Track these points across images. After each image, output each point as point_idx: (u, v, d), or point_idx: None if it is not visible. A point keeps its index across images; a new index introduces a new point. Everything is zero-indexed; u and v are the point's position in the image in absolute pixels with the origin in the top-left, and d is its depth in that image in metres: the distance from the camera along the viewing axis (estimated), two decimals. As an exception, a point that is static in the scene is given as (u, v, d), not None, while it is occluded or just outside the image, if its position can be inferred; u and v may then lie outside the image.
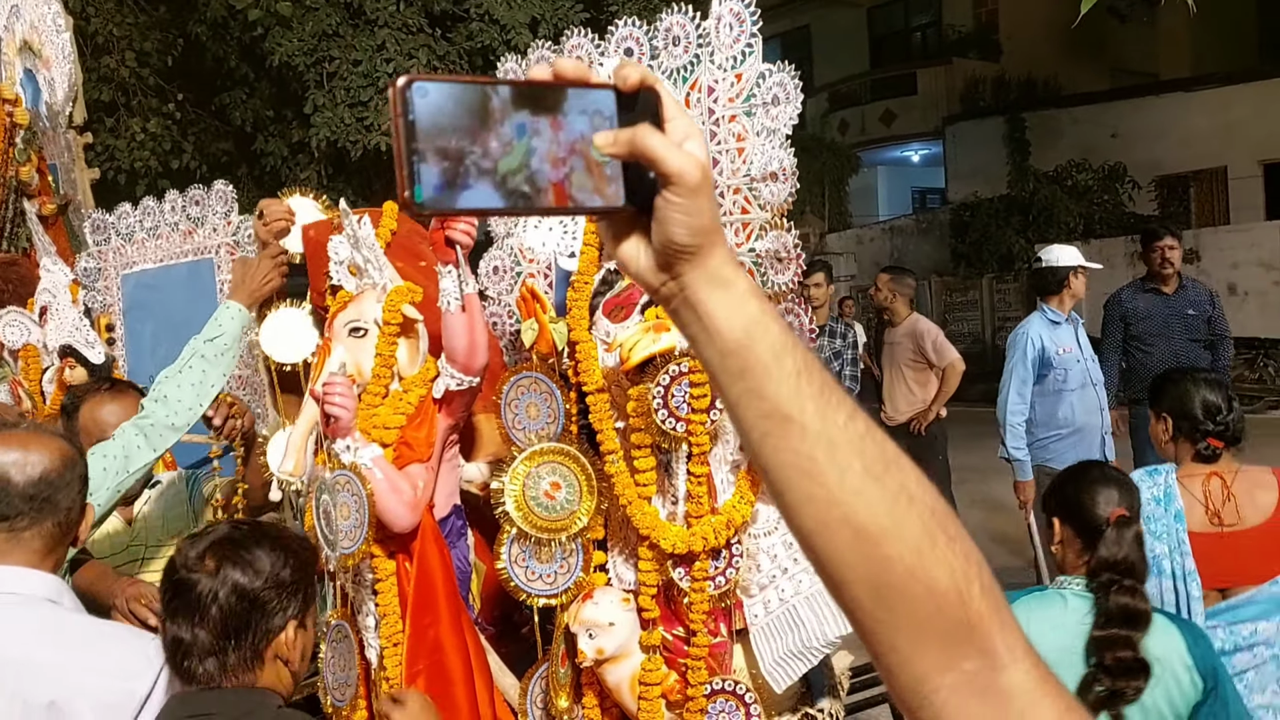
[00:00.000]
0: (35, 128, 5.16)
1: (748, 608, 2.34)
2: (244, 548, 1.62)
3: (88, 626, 1.75)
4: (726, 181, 2.45)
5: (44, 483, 1.72)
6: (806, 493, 0.74)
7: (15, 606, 1.67)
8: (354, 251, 2.53)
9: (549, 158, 0.73)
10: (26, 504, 1.70)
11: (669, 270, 0.77)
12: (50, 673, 1.64)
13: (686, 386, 2.18)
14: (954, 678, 0.71)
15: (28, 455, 1.72)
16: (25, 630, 1.67)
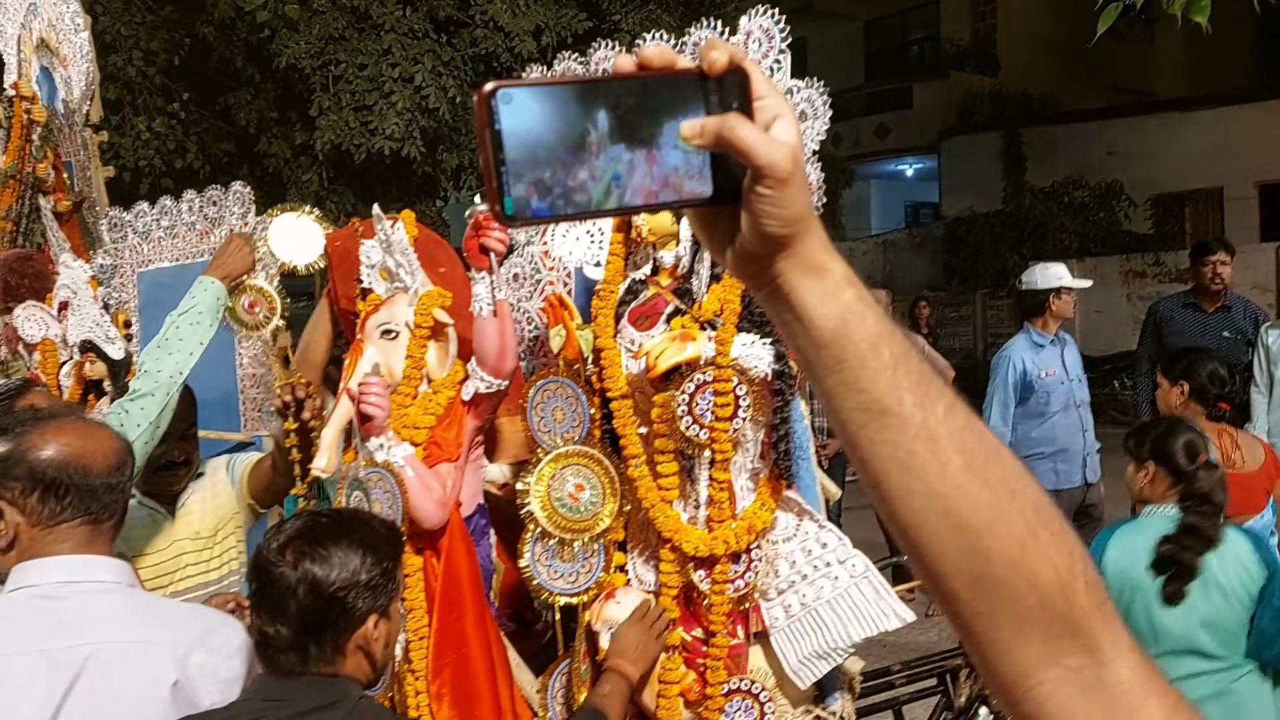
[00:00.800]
0: (52, 125, 5.21)
1: (766, 611, 2.41)
2: (323, 543, 1.62)
3: (183, 608, 1.80)
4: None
5: (117, 471, 1.74)
6: (905, 486, 0.73)
7: (111, 593, 1.69)
8: (385, 256, 2.59)
9: (637, 155, 0.71)
10: (107, 494, 1.72)
11: (760, 260, 0.75)
12: (171, 652, 1.67)
13: (710, 395, 2.25)
14: (1058, 672, 0.71)
15: (100, 445, 1.74)
16: (135, 614, 1.70)
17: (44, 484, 1.67)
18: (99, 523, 1.72)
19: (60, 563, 1.68)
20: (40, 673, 1.58)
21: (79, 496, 1.69)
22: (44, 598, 1.65)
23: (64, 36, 5.31)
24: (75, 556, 1.69)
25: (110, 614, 1.68)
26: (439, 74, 8.69)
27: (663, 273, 2.41)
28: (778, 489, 2.34)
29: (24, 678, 1.57)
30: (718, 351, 2.23)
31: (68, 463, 1.68)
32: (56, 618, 1.63)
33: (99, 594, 1.69)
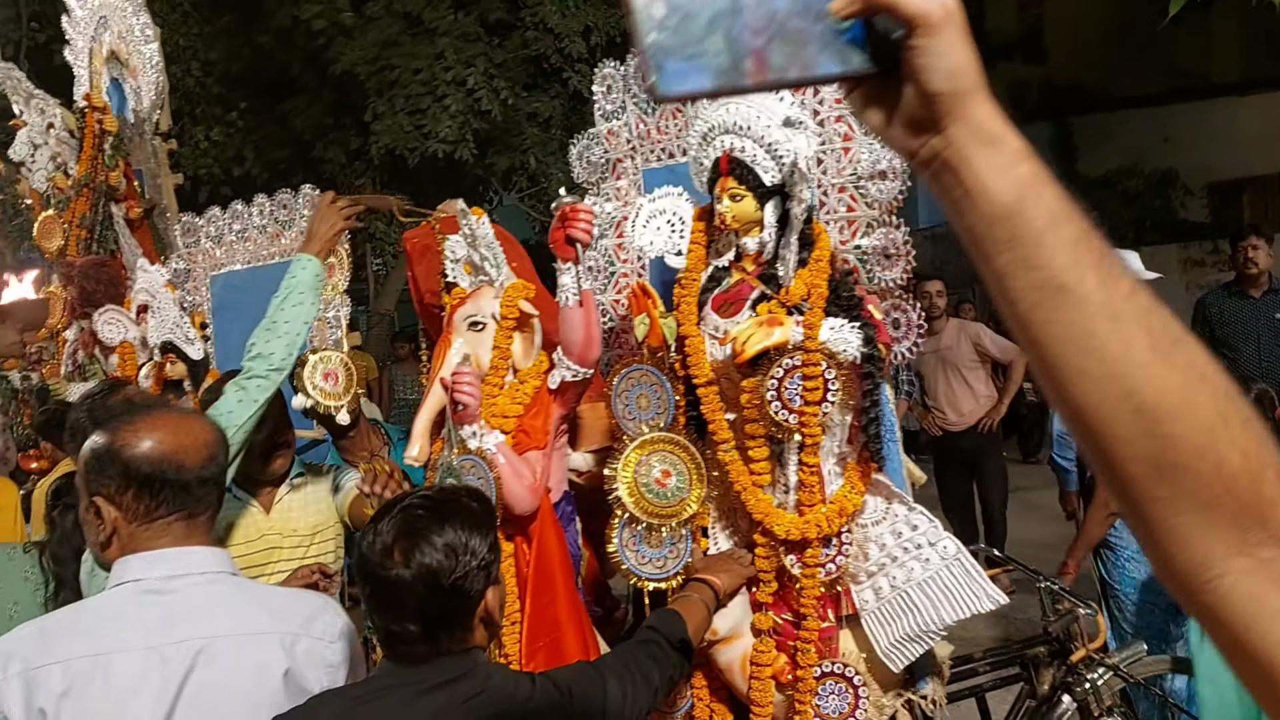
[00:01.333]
0: (122, 134, 5.33)
1: (856, 594, 2.42)
2: (427, 535, 1.60)
3: (284, 594, 1.80)
4: (831, 180, 2.54)
5: (211, 462, 1.74)
6: (1081, 367, 0.70)
7: (216, 584, 1.69)
8: (470, 250, 2.63)
9: (786, 32, 0.70)
10: (201, 488, 1.71)
11: (928, 129, 0.72)
12: (280, 641, 1.68)
13: (799, 380, 2.26)
14: (1246, 563, 0.67)
15: (194, 438, 1.73)
16: (242, 605, 1.70)
17: (138, 481, 1.67)
18: (194, 517, 1.71)
19: (162, 555, 1.68)
20: (153, 669, 1.58)
21: (174, 492, 1.68)
22: (149, 592, 1.65)
23: (134, 47, 5.44)
24: (176, 549, 1.69)
25: (218, 605, 1.68)
26: (491, 76, 8.73)
27: (746, 259, 2.42)
28: (867, 472, 2.35)
29: (137, 675, 1.57)
30: (805, 336, 2.24)
31: (162, 459, 1.68)
32: (164, 611, 1.64)
33: (204, 585, 1.69)
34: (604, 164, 3.07)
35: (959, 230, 0.74)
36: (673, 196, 2.56)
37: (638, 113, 2.97)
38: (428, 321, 3.04)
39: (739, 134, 2.31)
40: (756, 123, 2.28)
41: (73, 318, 5.17)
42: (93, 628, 1.62)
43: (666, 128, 2.92)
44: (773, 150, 2.29)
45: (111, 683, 1.55)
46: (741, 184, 2.33)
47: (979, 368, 6.59)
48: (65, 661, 1.55)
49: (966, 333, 6.62)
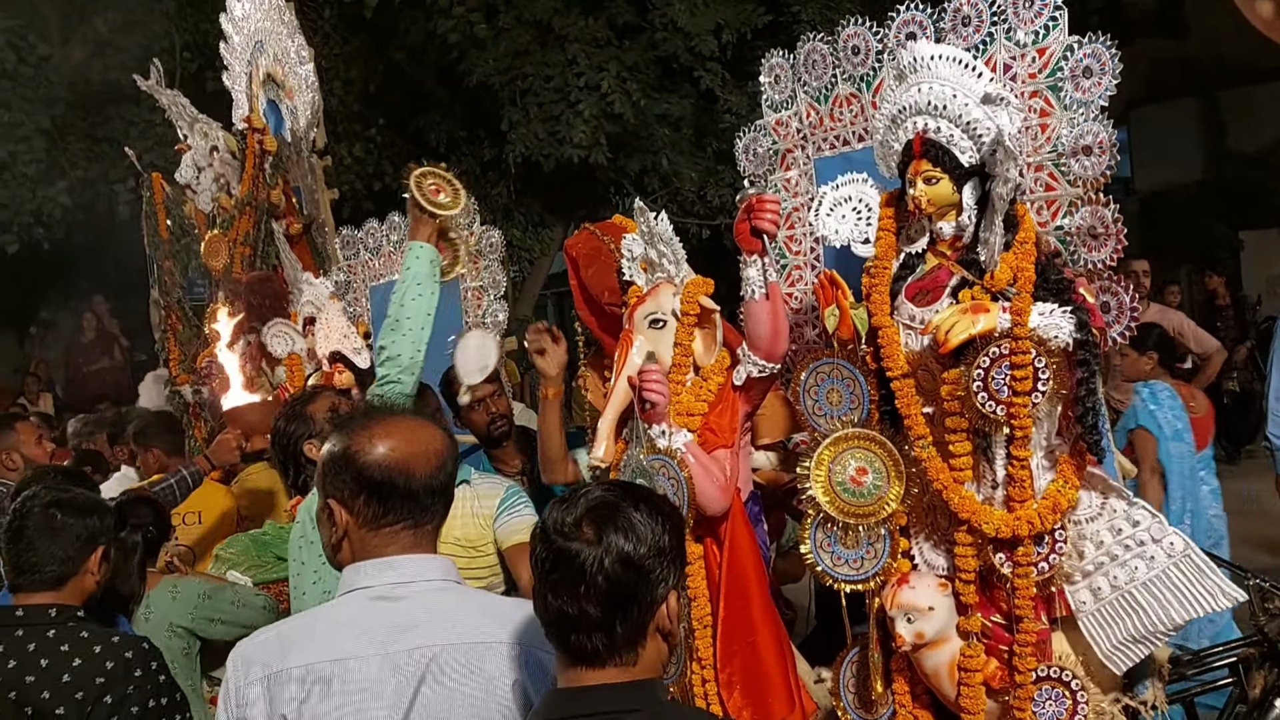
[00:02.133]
0: (281, 154, 5.51)
1: (1071, 594, 2.29)
2: (622, 512, 1.51)
3: (512, 604, 1.76)
4: (1027, 159, 2.41)
5: (440, 471, 1.71)
6: None
7: (444, 592, 1.68)
8: (648, 248, 2.60)
9: None
10: (429, 497, 1.69)
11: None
12: (510, 651, 1.65)
13: (1007, 369, 2.15)
14: None
15: (426, 447, 1.70)
16: (471, 613, 1.68)
17: (370, 487, 1.66)
18: (420, 525, 1.70)
19: (392, 563, 1.67)
20: (387, 676, 1.58)
21: (402, 501, 1.67)
22: (381, 599, 1.64)
23: (289, 69, 5.61)
24: (406, 556, 1.68)
25: (447, 613, 1.66)
26: (623, 79, 8.75)
27: (942, 244, 2.32)
28: (1081, 465, 2.22)
29: (373, 680, 1.57)
30: (1013, 322, 2.13)
31: (394, 467, 1.66)
32: (396, 619, 1.63)
33: (433, 593, 1.67)
34: (772, 155, 3.00)
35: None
36: (857, 183, 2.48)
37: (809, 101, 2.89)
38: (601, 327, 3.01)
39: (933, 114, 2.21)
40: (953, 102, 2.19)
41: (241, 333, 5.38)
42: (328, 634, 1.62)
43: (840, 115, 2.84)
44: (970, 129, 2.18)
45: (349, 689, 1.56)
46: (937, 166, 2.23)
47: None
48: (304, 667, 1.56)
49: (1169, 320, 6.32)
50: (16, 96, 8.75)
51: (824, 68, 2.84)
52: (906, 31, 2.59)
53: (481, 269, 4.59)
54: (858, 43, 2.75)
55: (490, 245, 4.59)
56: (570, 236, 3.11)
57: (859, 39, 2.75)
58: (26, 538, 2.31)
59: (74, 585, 2.33)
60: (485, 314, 4.57)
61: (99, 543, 2.39)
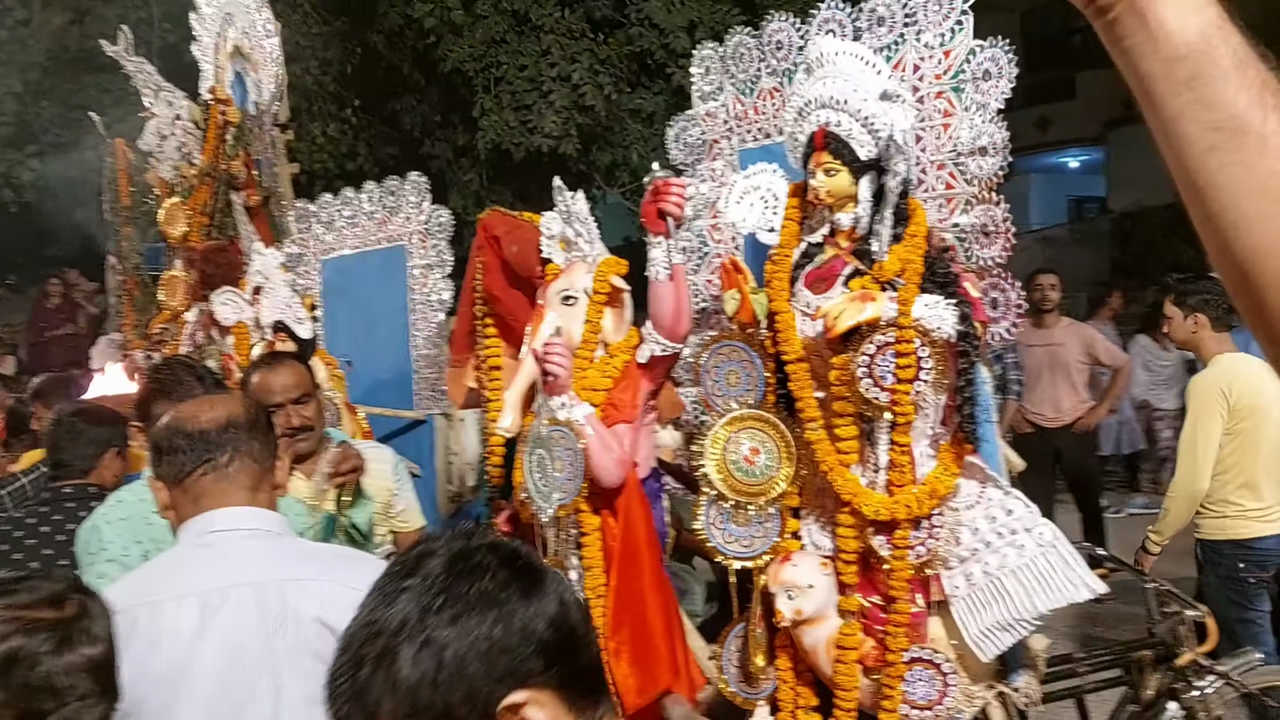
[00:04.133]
0: (244, 126, 5.53)
1: (946, 580, 2.36)
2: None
3: (328, 549, 1.87)
4: (930, 157, 2.49)
5: (229, 427, 1.82)
6: (1261, 210, 0.70)
7: (260, 539, 1.79)
8: (565, 226, 2.66)
9: None
10: (218, 441, 1.80)
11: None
12: (314, 588, 1.75)
13: (892, 357, 2.23)
14: None
15: (211, 407, 1.86)
16: (278, 555, 1.80)
17: (164, 450, 1.82)
18: (219, 469, 1.80)
19: (208, 516, 1.79)
20: (191, 614, 1.70)
21: (189, 446, 1.80)
22: (200, 546, 1.79)
23: (256, 42, 5.64)
24: (222, 509, 1.80)
25: (259, 556, 1.79)
26: (595, 72, 8.84)
27: (840, 235, 2.39)
28: (961, 454, 2.30)
29: (175, 620, 1.70)
30: (899, 312, 2.20)
31: (170, 423, 1.83)
32: (208, 563, 1.76)
33: (242, 540, 1.79)
34: (700, 145, 3.08)
35: (1131, 79, 0.75)
36: (767, 173, 2.55)
37: (734, 93, 2.96)
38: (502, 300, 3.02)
39: (835, 108, 2.28)
40: (853, 96, 2.26)
41: (193, 300, 5.40)
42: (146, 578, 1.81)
43: (764, 107, 2.91)
44: (869, 124, 2.26)
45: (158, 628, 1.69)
46: (836, 158, 2.30)
47: (1085, 370, 6.45)
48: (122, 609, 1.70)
49: (1080, 333, 6.48)
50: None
51: (750, 61, 2.92)
52: (827, 29, 2.67)
53: (430, 247, 4.64)
54: (781, 37, 2.83)
55: (439, 224, 4.64)
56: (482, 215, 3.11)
57: (782, 33, 2.82)
58: (58, 442, 3.07)
59: (95, 476, 3.02)
60: (431, 292, 4.62)
61: (113, 445, 3.08)
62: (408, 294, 4.69)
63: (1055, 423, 6.44)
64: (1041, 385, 6.49)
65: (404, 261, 4.70)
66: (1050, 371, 6.47)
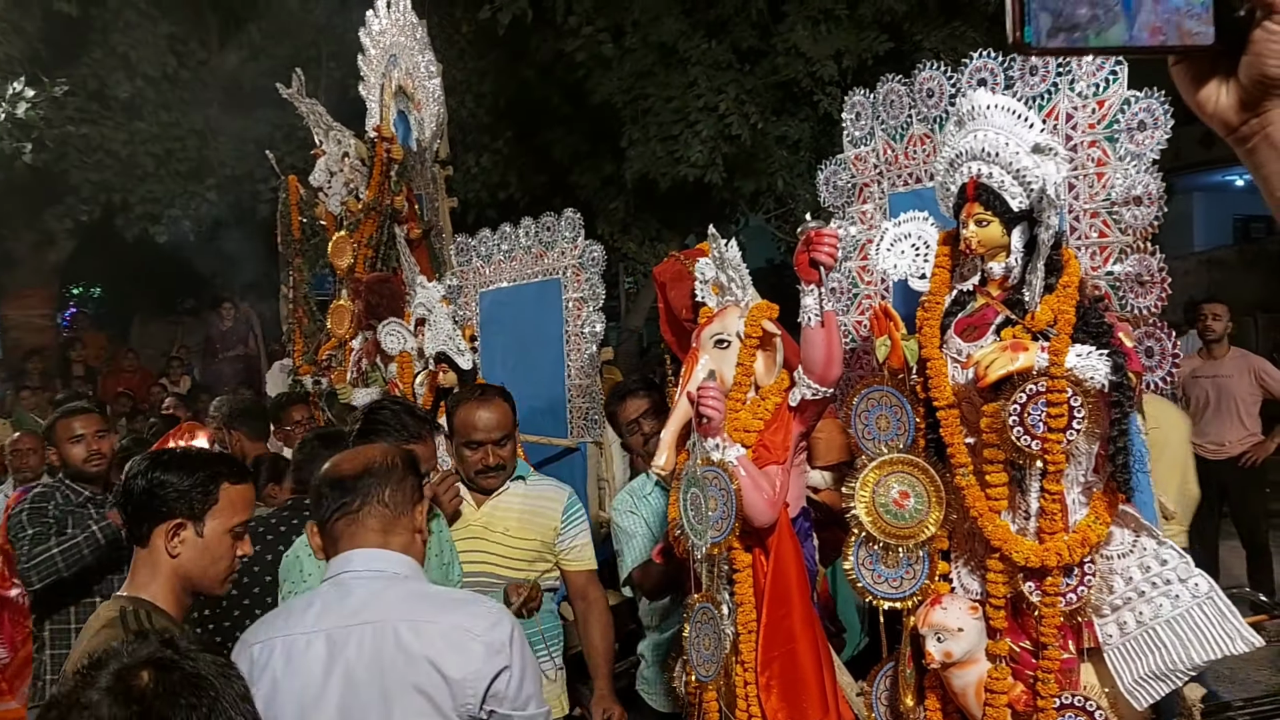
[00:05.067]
0: (407, 162, 5.87)
1: (1099, 627, 2.36)
2: None
3: (451, 593, 2.02)
4: (1084, 205, 2.51)
5: (365, 475, 2.01)
6: None
7: (388, 580, 1.95)
8: (719, 272, 2.78)
9: (1169, 4, 0.80)
10: (353, 488, 1.99)
11: (1254, 107, 0.81)
12: (427, 629, 1.88)
13: (1043, 406, 2.25)
14: None
15: (353, 457, 2.06)
16: (403, 597, 1.94)
17: (315, 497, 2.05)
18: (350, 515, 1.99)
19: (347, 557, 1.99)
20: (319, 649, 1.88)
21: (331, 495, 2.02)
22: (333, 585, 1.98)
23: (419, 83, 5.98)
24: (358, 550, 1.98)
25: (385, 597, 1.94)
26: (741, 102, 8.96)
27: (992, 284, 2.43)
28: (1113, 503, 2.30)
29: (311, 653, 1.88)
30: (1051, 362, 2.23)
31: (322, 474, 2.05)
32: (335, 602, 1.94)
33: (372, 582, 1.96)
34: (850, 188, 3.15)
35: (1265, 193, 0.83)
36: (918, 221, 2.60)
37: (885, 138, 3.03)
38: (676, 343, 3.20)
39: (986, 160, 2.33)
40: (1005, 149, 2.30)
41: (358, 329, 5.75)
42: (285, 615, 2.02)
43: (914, 153, 2.97)
44: (1020, 176, 2.29)
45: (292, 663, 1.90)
46: (988, 209, 2.35)
47: (1255, 402, 6.19)
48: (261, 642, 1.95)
49: (1250, 364, 6.24)
50: (175, 98, 9.44)
51: (901, 107, 2.98)
52: (978, 78, 2.71)
53: (583, 281, 4.83)
54: (932, 86, 2.88)
55: (592, 259, 4.82)
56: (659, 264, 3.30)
57: (933, 82, 2.87)
58: (301, 463, 3.26)
59: None
60: (584, 324, 4.80)
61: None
62: (562, 326, 4.88)
63: (1220, 455, 6.23)
64: (1207, 417, 6.30)
65: (559, 294, 4.90)
66: (1217, 404, 6.27)
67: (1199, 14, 0.80)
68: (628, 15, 9.42)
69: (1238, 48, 0.80)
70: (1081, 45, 0.80)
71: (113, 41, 9.00)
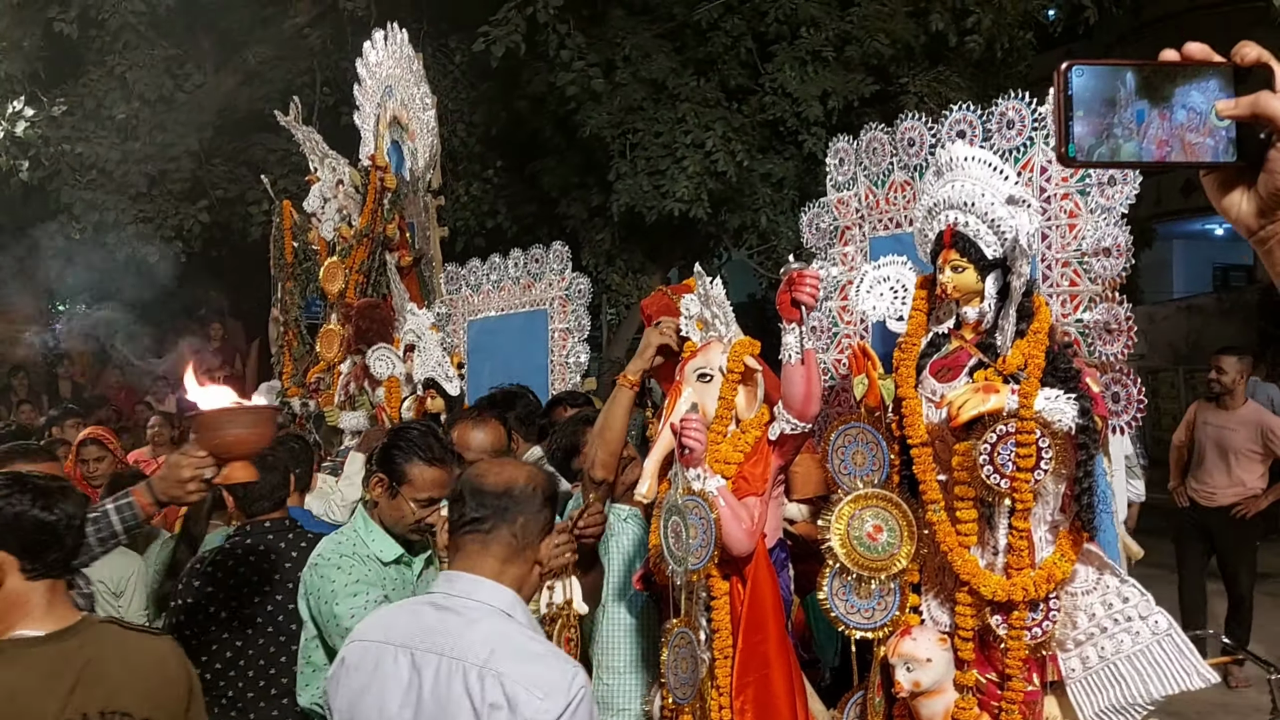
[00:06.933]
0: (399, 191, 5.96)
1: (1062, 661, 2.45)
2: None
3: (534, 644, 1.94)
4: (1055, 255, 2.62)
5: (506, 494, 1.98)
6: None
7: (484, 614, 1.92)
8: (703, 308, 2.87)
9: (1173, 121, 0.93)
10: (492, 504, 1.96)
11: (1270, 214, 0.93)
12: (498, 680, 1.83)
13: (1013, 446, 2.35)
14: None
15: (502, 470, 2.02)
16: (487, 637, 1.88)
17: (455, 496, 2.02)
18: (482, 534, 1.96)
19: (456, 577, 1.97)
20: (404, 666, 1.88)
21: (471, 504, 1.98)
22: (435, 603, 1.96)
23: (414, 114, 6.09)
24: (468, 575, 1.95)
25: (470, 632, 1.89)
26: (728, 139, 9.10)
27: (966, 327, 2.54)
28: (1078, 541, 2.39)
29: (398, 668, 1.88)
30: (1021, 404, 2.33)
31: (469, 477, 2.03)
32: (430, 623, 1.92)
33: (473, 611, 1.92)
34: (832, 230, 3.26)
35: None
36: (897, 265, 2.71)
37: (867, 184, 3.14)
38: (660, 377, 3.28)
39: (963, 209, 2.44)
40: (980, 200, 2.41)
41: (347, 353, 5.81)
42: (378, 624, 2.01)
43: (895, 199, 3.08)
44: (995, 226, 2.40)
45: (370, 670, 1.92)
46: (964, 256, 2.46)
47: (1256, 458, 6.27)
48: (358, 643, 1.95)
49: (1260, 420, 6.31)
50: (171, 120, 9.50)
51: (883, 154, 3.10)
52: (958, 129, 2.83)
53: (569, 312, 4.93)
54: (914, 135, 3.00)
55: (579, 291, 4.92)
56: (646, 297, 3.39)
57: (915, 131, 3.00)
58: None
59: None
60: (569, 354, 4.90)
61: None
62: (548, 355, 4.97)
63: (1211, 502, 6.32)
64: (1205, 465, 6.38)
65: (545, 325, 5.00)
66: (1215, 453, 6.35)
67: (1224, 137, 0.93)
68: (619, 50, 9.58)
69: (1258, 164, 0.93)
70: (1108, 160, 0.94)
71: (111, 63, 9.08)
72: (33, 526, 1.94)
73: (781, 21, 9.20)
